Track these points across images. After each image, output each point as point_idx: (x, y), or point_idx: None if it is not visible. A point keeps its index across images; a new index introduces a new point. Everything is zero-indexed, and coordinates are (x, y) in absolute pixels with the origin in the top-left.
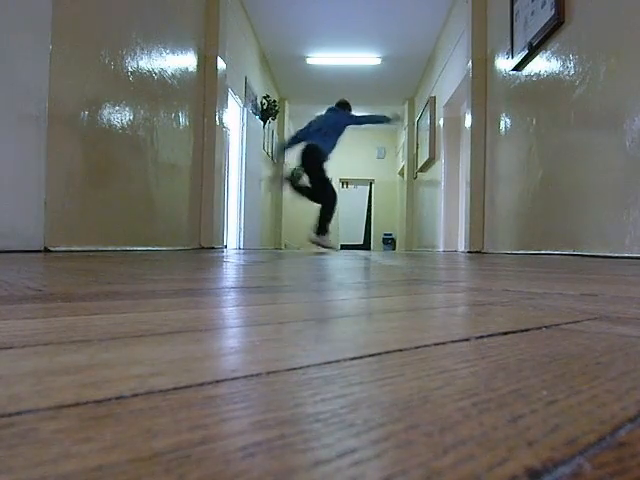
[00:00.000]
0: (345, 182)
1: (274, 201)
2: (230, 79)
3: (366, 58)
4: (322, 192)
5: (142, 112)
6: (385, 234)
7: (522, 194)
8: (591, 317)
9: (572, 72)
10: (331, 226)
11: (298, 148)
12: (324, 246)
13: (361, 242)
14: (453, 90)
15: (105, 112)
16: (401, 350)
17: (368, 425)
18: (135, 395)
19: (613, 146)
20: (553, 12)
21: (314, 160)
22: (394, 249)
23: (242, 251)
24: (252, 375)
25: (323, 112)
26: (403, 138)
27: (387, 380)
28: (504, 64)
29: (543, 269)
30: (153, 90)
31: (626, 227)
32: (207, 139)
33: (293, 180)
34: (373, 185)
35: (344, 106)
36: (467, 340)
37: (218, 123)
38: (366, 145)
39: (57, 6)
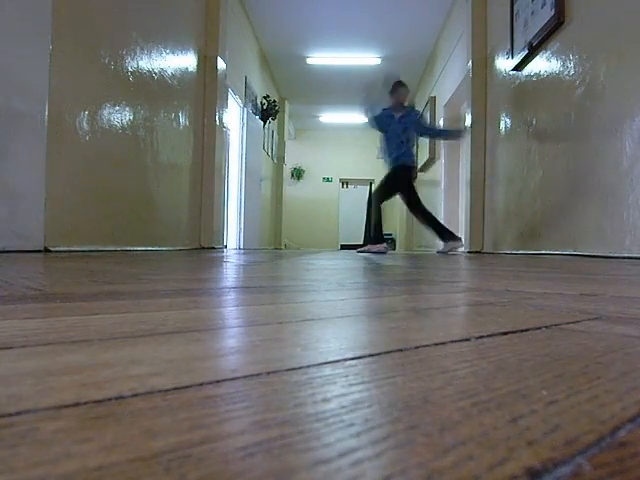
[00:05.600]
0: (345, 182)
1: (274, 201)
2: (230, 79)
3: (366, 58)
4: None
5: (142, 112)
6: (385, 234)
7: (522, 194)
8: (591, 317)
9: (572, 72)
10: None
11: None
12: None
13: (361, 242)
14: (453, 90)
15: (105, 112)
16: (401, 350)
17: (368, 425)
18: (135, 395)
19: (613, 146)
20: (553, 12)
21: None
22: (394, 249)
23: (242, 251)
24: (252, 375)
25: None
26: None
27: (387, 380)
28: (504, 64)
29: (543, 269)
30: (153, 90)
31: (626, 227)
32: (207, 139)
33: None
34: (373, 185)
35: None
36: (467, 340)
37: (218, 123)
38: (366, 145)
39: (57, 6)
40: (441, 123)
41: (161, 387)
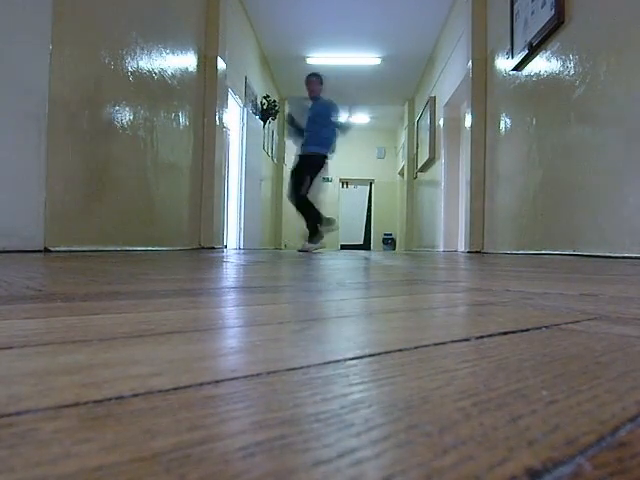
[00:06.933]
0: (345, 182)
1: (274, 201)
2: (230, 79)
3: (366, 58)
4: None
5: (142, 112)
6: (385, 234)
7: (522, 194)
8: (591, 317)
9: (572, 72)
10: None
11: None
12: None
13: (361, 242)
14: (453, 90)
15: (105, 112)
16: (401, 350)
17: (368, 425)
18: (135, 395)
19: (613, 146)
20: (553, 12)
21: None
22: (394, 249)
23: (242, 251)
24: (252, 375)
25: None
26: (403, 138)
27: (387, 380)
28: (504, 64)
29: (543, 269)
30: (153, 90)
31: (626, 227)
32: (207, 139)
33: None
34: (373, 185)
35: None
36: (467, 340)
37: (218, 123)
38: (366, 145)
39: (57, 6)
40: (441, 123)
41: (161, 387)
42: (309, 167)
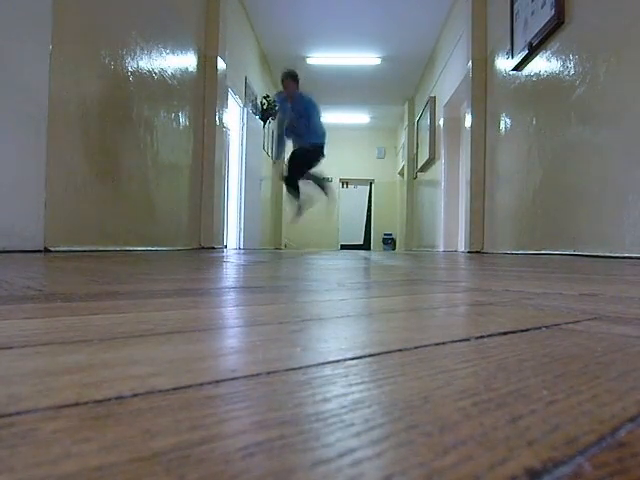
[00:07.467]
0: (345, 182)
1: (274, 201)
2: (230, 79)
3: (366, 58)
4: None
5: (142, 112)
6: (385, 234)
7: (522, 194)
8: (591, 317)
9: (572, 72)
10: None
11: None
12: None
13: (361, 242)
14: (453, 90)
15: (105, 112)
16: (401, 350)
17: (368, 425)
18: (135, 395)
19: (613, 146)
20: (553, 12)
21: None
22: (394, 249)
23: (242, 251)
24: (252, 375)
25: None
26: (403, 138)
27: (387, 380)
28: (504, 64)
29: (543, 269)
30: (153, 90)
31: (626, 227)
32: (207, 139)
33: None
34: (373, 185)
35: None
36: (467, 340)
37: (218, 123)
38: (366, 145)
39: (57, 6)
40: (441, 123)
41: (161, 387)
42: (313, 156)
